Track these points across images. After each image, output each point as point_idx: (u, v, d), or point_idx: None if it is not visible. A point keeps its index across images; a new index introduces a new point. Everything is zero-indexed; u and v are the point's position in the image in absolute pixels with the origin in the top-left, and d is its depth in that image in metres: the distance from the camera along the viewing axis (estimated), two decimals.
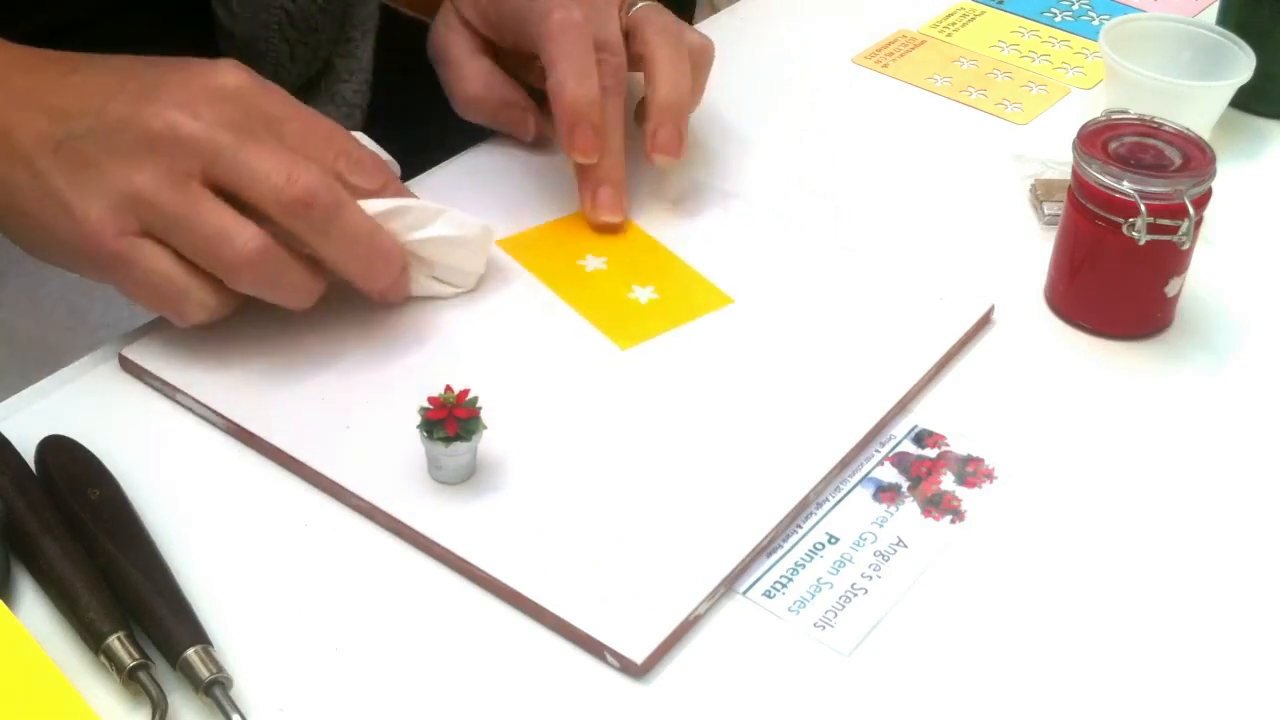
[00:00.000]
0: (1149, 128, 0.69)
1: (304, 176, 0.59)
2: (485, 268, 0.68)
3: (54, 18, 0.68)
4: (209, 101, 0.60)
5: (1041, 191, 0.78)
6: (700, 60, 0.76)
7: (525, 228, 0.73)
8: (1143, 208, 0.65)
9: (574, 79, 0.69)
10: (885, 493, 0.61)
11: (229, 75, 0.61)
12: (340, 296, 0.67)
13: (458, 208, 0.66)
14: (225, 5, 0.80)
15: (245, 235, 0.59)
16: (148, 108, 0.59)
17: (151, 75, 0.61)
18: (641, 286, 0.70)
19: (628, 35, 0.73)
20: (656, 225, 0.74)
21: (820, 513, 0.60)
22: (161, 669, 0.51)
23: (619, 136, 0.72)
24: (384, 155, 0.67)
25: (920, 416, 0.65)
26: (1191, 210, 0.65)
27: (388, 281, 0.64)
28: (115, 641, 0.51)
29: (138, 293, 0.60)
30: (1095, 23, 0.96)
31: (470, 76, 0.76)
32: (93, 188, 0.59)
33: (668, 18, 0.74)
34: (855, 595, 0.56)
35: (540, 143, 0.78)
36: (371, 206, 0.62)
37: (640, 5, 0.74)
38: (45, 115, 0.60)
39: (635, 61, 0.73)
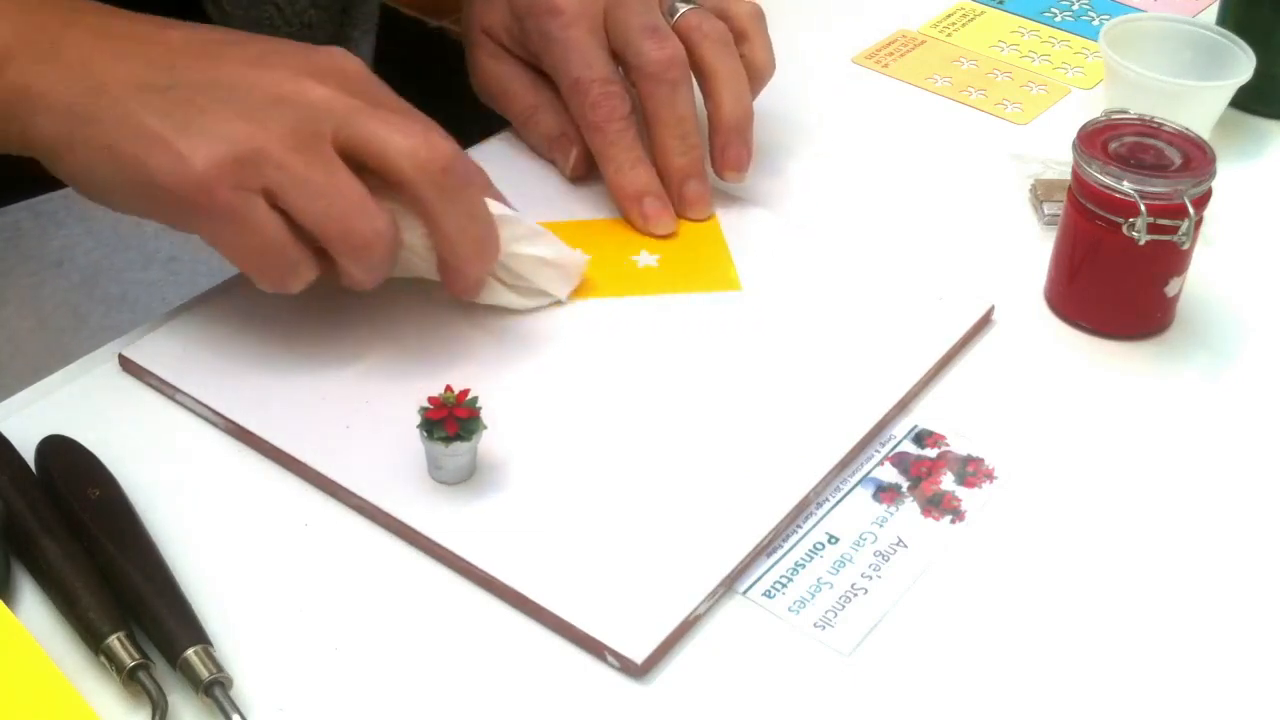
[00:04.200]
0: (1149, 128, 0.69)
1: (440, 142, 0.58)
2: (565, 296, 0.68)
3: None
4: (330, 75, 0.59)
5: (1041, 191, 0.78)
6: (757, 23, 0.75)
7: (536, 219, 0.73)
8: (1143, 208, 0.65)
9: (625, 168, 0.71)
10: (885, 493, 0.61)
11: (347, 59, 0.61)
12: (341, 296, 0.67)
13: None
14: (216, 3, 0.80)
15: (382, 219, 0.58)
16: (270, 72, 0.58)
17: (260, 44, 0.60)
18: (651, 253, 0.71)
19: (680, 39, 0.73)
20: None
21: (820, 513, 0.60)
22: (161, 669, 0.51)
23: (689, 125, 0.72)
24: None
25: (920, 416, 0.65)
26: (1191, 210, 0.65)
27: (482, 273, 0.63)
28: (115, 641, 0.51)
29: (238, 251, 0.58)
30: (1095, 23, 0.96)
31: (534, 107, 0.76)
32: (207, 133, 0.57)
33: (716, 24, 0.73)
34: (855, 595, 0.56)
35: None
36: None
37: (685, 12, 0.73)
38: (138, 59, 0.58)
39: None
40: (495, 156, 0.78)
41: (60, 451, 0.58)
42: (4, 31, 0.59)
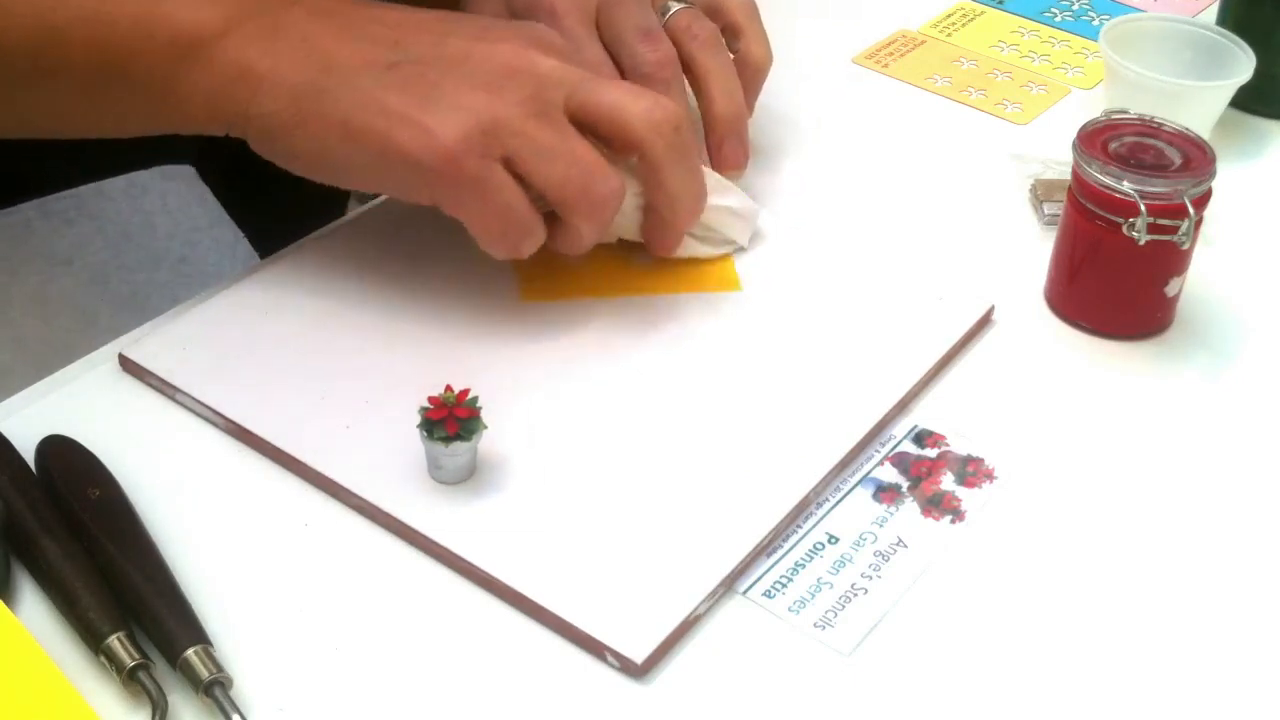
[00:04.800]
0: (1149, 128, 0.69)
1: (670, 104, 0.61)
2: (745, 242, 0.72)
3: None
4: (551, 47, 0.61)
5: (1041, 191, 0.78)
6: (751, 17, 0.77)
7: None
8: (1143, 208, 0.65)
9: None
10: (885, 493, 0.61)
11: (549, 31, 0.64)
12: (342, 297, 0.67)
13: None
14: None
15: (617, 179, 0.60)
16: (497, 45, 0.60)
17: (476, 20, 0.63)
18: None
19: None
20: None
21: (820, 513, 0.60)
22: (161, 669, 0.51)
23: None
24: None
25: (920, 416, 0.65)
26: (1191, 210, 0.65)
27: (691, 227, 0.66)
28: (115, 641, 0.51)
29: (483, 217, 0.60)
30: (1095, 23, 0.96)
31: None
32: (447, 106, 0.58)
33: (707, 24, 0.74)
34: (855, 595, 0.56)
35: None
36: None
37: (676, 11, 0.74)
38: (365, 40, 0.60)
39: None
40: None
41: (60, 451, 0.58)
42: (222, 11, 0.61)
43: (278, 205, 0.62)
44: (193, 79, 0.61)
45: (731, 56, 0.74)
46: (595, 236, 0.63)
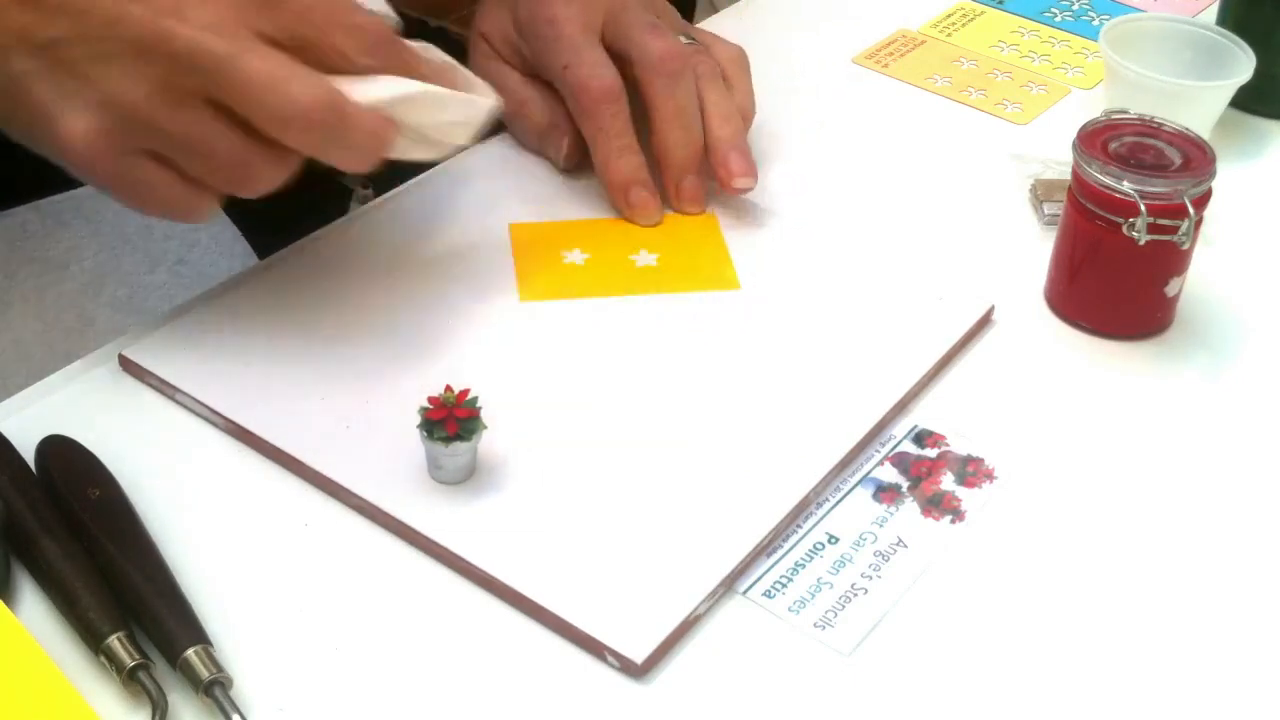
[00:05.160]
0: (1149, 128, 0.69)
1: (302, 94, 0.56)
2: (470, 140, 0.65)
3: None
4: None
5: (1041, 191, 0.78)
6: (740, 69, 0.77)
7: (534, 220, 0.73)
8: (1143, 208, 0.65)
9: (614, 156, 0.72)
10: (885, 493, 0.61)
11: None
12: (342, 297, 0.67)
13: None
14: None
15: (264, 154, 0.57)
16: (133, 6, 0.56)
17: None
18: (650, 252, 0.71)
19: None
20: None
21: (820, 513, 0.60)
22: (161, 669, 0.51)
23: (689, 118, 0.73)
24: (384, 9, 0.64)
25: (920, 416, 0.65)
26: (1191, 210, 0.65)
27: (378, 162, 0.61)
28: (115, 641, 0.51)
29: (140, 205, 0.59)
30: (1095, 23, 0.96)
31: (523, 101, 0.77)
32: (79, 101, 0.56)
33: (707, 60, 0.75)
34: (855, 595, 0.56)
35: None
36: (370, 91, 0.59)
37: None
38: (31, 8, 0.57)
39: None
40: (495, 158, 0.78)
41: (60, 451, 0.58)
42: None
43: (277, 206, 0.62)
44: None
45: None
46: (274, 177, 0.59)
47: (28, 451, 0.58)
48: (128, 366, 0.64)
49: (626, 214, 0.74)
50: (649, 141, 0.74)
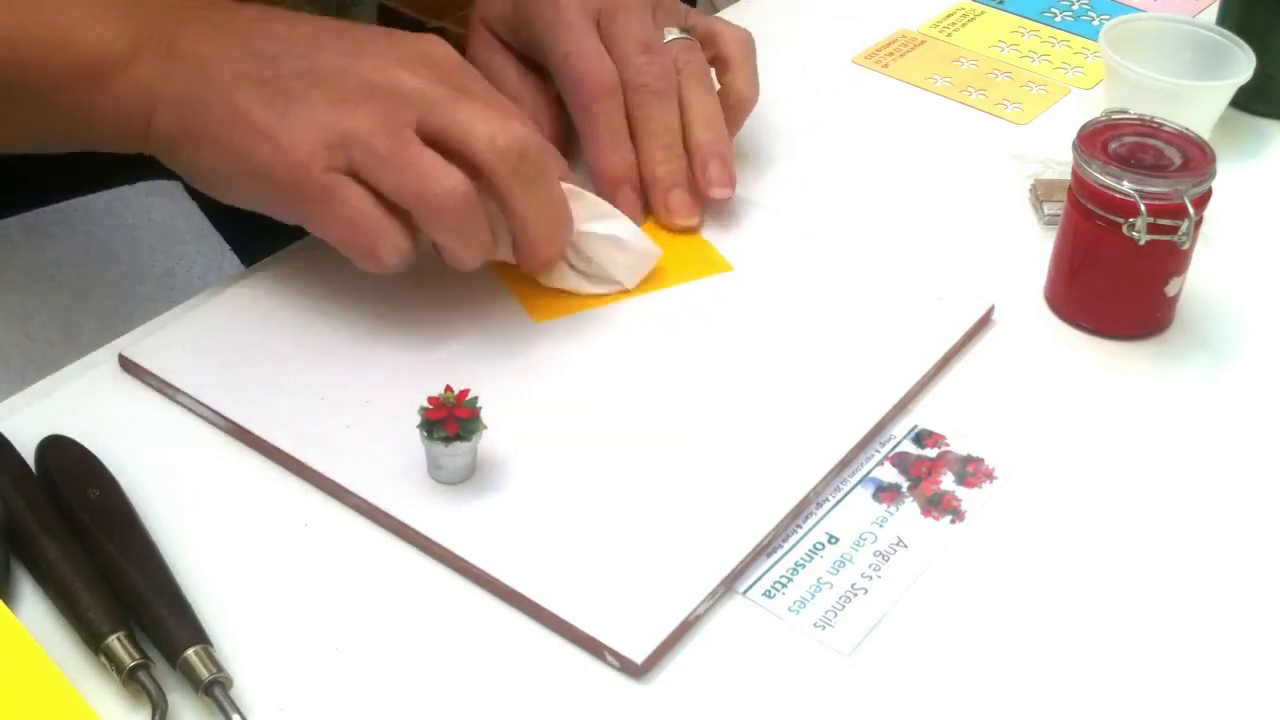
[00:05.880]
0: (1149, 128, 0.69)
1: (519, 129, 0.61)
2: (633, 284, 0.69)
3: None
4: (422, 63, 0.62)
5: (1041, 191, 0.78)
6: (745, 53, 0.77)
7: None
8: (1143, 208, 0.65)
9: (608, 151, 0.72)
10: (885, 493, 0.61)
11: (440, 46, 0.64)
12: (342, 298, 0.67)
13: None
14: None
15: (455, 178, 0.59)
16: (364, 60, 0.61)
17: (359, 33, 0.63)
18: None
19: None
20: None
21: (820, 513, 0.60)
22: (161, 669, 0.51)
23: (674, 137, 0.73)
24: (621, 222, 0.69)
25: (920, 416, 0.65)
26: (1191, 210, 0.65)
27: (558, 252, 0.65)
28: (115, 641, 0.51)
29: (334, 227, 0.61)
30: (1095, 23, 0.96)
31: (514, 99, 0.77)
32: (302, 121, 0.60)
33: (696, 57, 0.75)
34: (855, 595, 0.56)
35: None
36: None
37: (670, 41, 0.75)
38: (247, 54, 0.61)
39: None
40: None
41: (60, 451, 0.58)
42: (130, 31, 0.62)
43: (265, 219, 0.62)
44: (99, 100, 0.62)
45: (718, 89, 0.76)
46: (458, 242, 0.62)
47: (28, 451, 0.58)
48: (128, 366, 0.64)
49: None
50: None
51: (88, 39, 0.62)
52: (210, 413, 0.62)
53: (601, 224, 0.67)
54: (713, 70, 0.76)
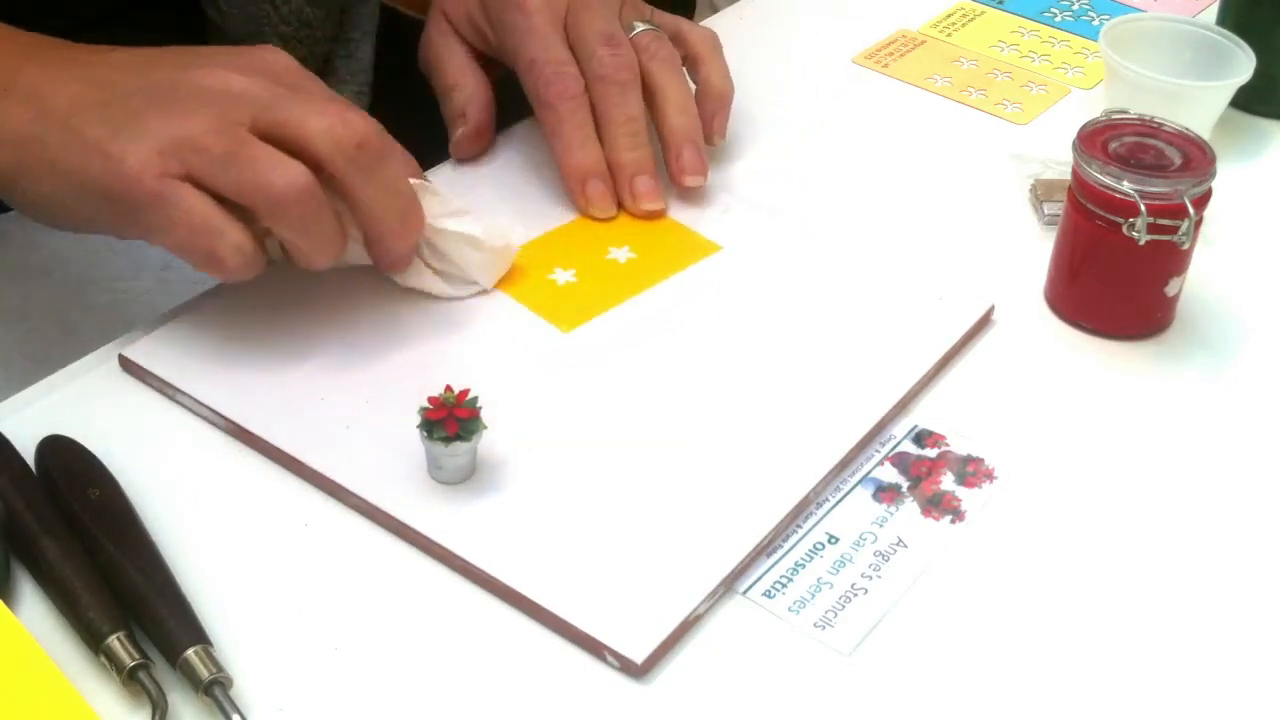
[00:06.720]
0: (1149, 128, 0.69)
1: (355, 119, 0.60)
2: (490, 284, 0.68)
3: (49, 27, 0.69)
4: (257, 69, 0.61)
5: (1041, 191, 0.78)
6: (713, 49, 0.77)
7: (530, 227, 0.73)
8: (1143, 208, 0.65)
9: (574, 147, 0.73)
10: (885, 493, 0.61)
11: (277, 55, 0.63)
12: (341, 297, 0.67)
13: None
14: (214, 4, 0.81)
15: (294, 169, 0.59)
16: (197, 71, 0.61)
17: (197, 51, 0.63)
18: (618, 247, 0.72)
19: None
20: None
21: (820, 513, 0.60)
22: (161, 669, 0.51)
23: (638, 125, 0.73)
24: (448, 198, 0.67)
25: (920, 416, 0.65)
26: (1191, 210, 0.65)
27: (409, 246, 0.64)
28: (115, 641, 0.51)
29: (172, 234, 0.60)
30: (1095, 23, 0.96)
31: (454, 85, 0.78)
32: (134, 133, 0.59)
33: (666, 46, 0.75)
34: (855, 595, 0.56)
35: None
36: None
37: (639, 32, 0.75)
38: (81, 82, 0.61)
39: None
40: (478, 168, 0.78)
41: (60, 451, 0.58)
42: None
43: None
44: None
45: (691, 85, 0.76)
46: (305, 239, 0.61)
47: (28, 451, 0.58)
48: (128, 366, 0.64)
49: (582, 205, 0.74)
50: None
51: None
52: (210, 413, 0.62)
53: (456, 220, 0.66)
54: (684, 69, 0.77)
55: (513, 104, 0.78)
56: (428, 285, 0.67)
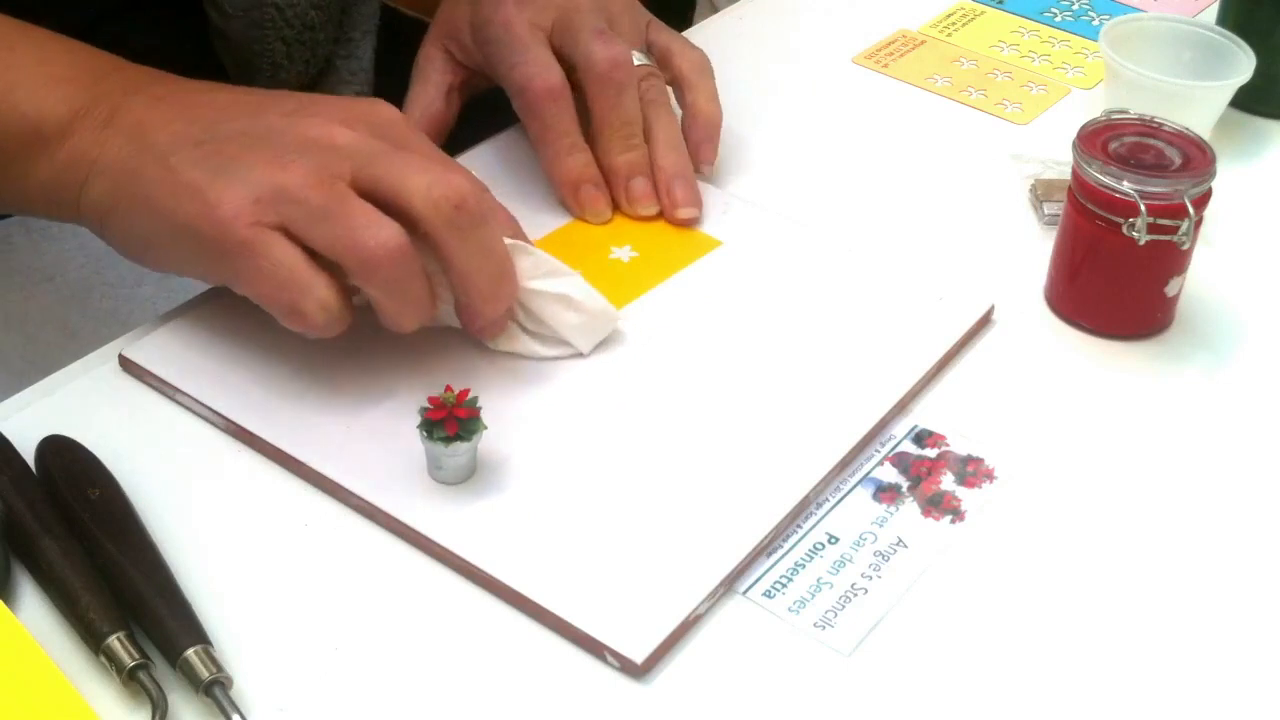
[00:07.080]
0: (1149, 128, 0.69)
1: (456, 179, 0.59)
2: (588, 350, 0.65)
3: (53, 26, 0.69)
4: (361, 122, 0.61)
5: (1041, 191, 0.78)
6: (701, 73, 0.77)
7: (531, 230, 0.73)
8: (1143, 208, 0.65)
9: (561, 154, 0.73)
10: (885, 493, 0.61)
11: (384, 108, 0.62)
12: None
13: None
14: (216, 6, 0.81)
15: (389, 230, 0.58)
16: (302, 120, 0.60)
17: (303, 98, 0.62)
18: (619, 247, 0.72)
19: None
20: None
21: (820, 513, 0.60)
22: (161, 669, 0.51)
23: (634, 128, 0.73)
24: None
25: (920, 416, 0.65)
26: (1191, 210, 0.65)
27: (501, 310, 0.63)
28: (115, 641, 0.51)
29: (258, 285, 0.59)
30: (1095, 23, 0.96)
31: (425, 107, 0.79)
32: (233, 179, 0.58)
33: (655, 84, 0.75)
34: (855, 595, 0.56)
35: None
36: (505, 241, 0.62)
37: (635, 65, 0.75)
38: (184, 120, 0.60)
39: None
40: (483, 162, 0.78)
41: (60, 451, 0.58)
42: (73, 100, 0.62)
43: None
44: (35, 169, 0.62)
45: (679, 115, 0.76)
46: (394, 300, 0.59)
47: (28, 451, 0.58)
48: (128, 366, 0.64)
49: (576, 211, 0.74)
50: (592, 149, 0.74)
51: (31, 107, 0.61)
52: (210, 413, 0.62)
53: (551, 281, 0.64)
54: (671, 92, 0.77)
55: (507, 110, 0.78)
56: (521, 348, 0.65)
